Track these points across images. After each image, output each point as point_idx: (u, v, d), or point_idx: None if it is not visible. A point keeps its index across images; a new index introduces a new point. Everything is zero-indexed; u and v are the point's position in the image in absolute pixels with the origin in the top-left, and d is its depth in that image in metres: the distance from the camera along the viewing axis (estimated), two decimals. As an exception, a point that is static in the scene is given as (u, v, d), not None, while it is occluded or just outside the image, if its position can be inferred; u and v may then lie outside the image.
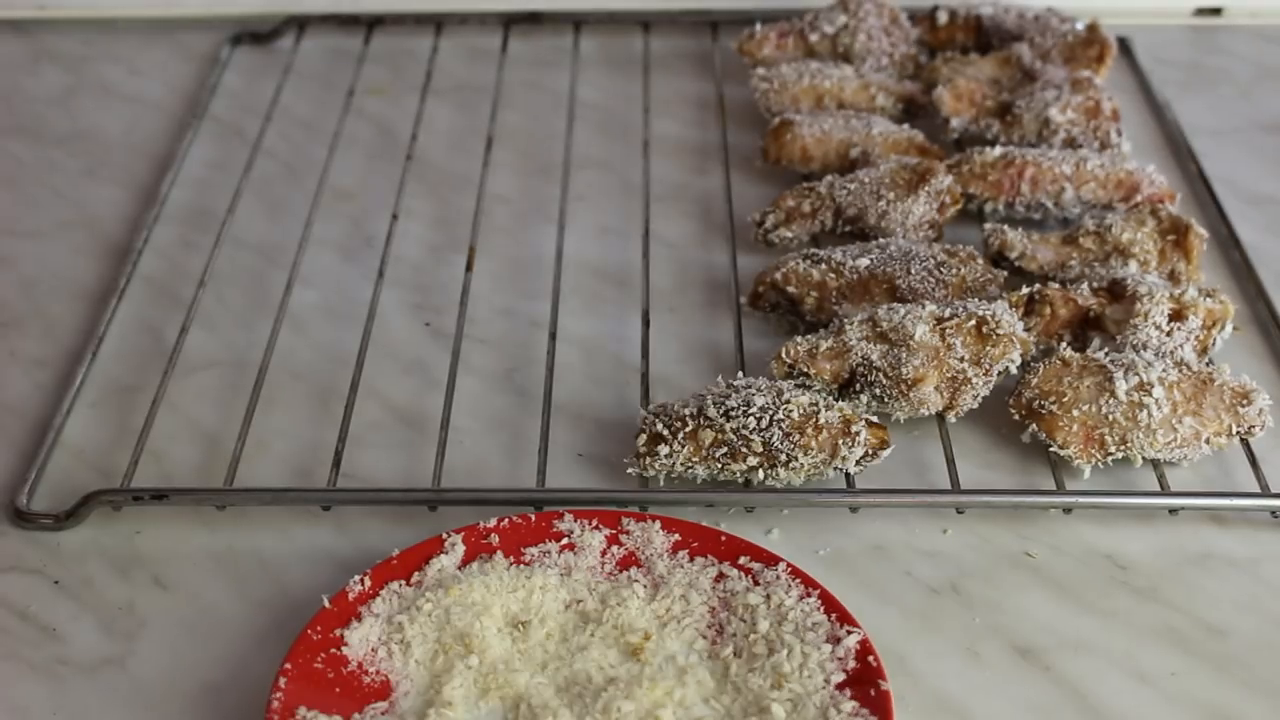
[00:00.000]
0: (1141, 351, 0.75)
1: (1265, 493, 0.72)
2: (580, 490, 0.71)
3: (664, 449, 0.71)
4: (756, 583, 0.65)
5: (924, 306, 0.75)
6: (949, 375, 0.74)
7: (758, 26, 1.03)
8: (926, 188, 0.85)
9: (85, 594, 0.69)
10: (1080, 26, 1.01)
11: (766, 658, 0.62)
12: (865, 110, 0.96)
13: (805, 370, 0.75)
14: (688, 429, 0.71)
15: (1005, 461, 0.75)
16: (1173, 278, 0.82)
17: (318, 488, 0.72)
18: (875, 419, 0.73)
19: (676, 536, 0.68)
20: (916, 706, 0.63)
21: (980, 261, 0.82)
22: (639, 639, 0.64)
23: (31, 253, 0.91)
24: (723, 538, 0.68)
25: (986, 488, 0.73)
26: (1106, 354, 0.74)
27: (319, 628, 0.63)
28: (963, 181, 0.88)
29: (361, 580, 0.65)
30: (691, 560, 0.67)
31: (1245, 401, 0.73)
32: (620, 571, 0.67)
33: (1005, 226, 0.85)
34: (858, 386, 0.75)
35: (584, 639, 0.64)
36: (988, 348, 0.74)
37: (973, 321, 0.75)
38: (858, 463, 0.72)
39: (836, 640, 0.62)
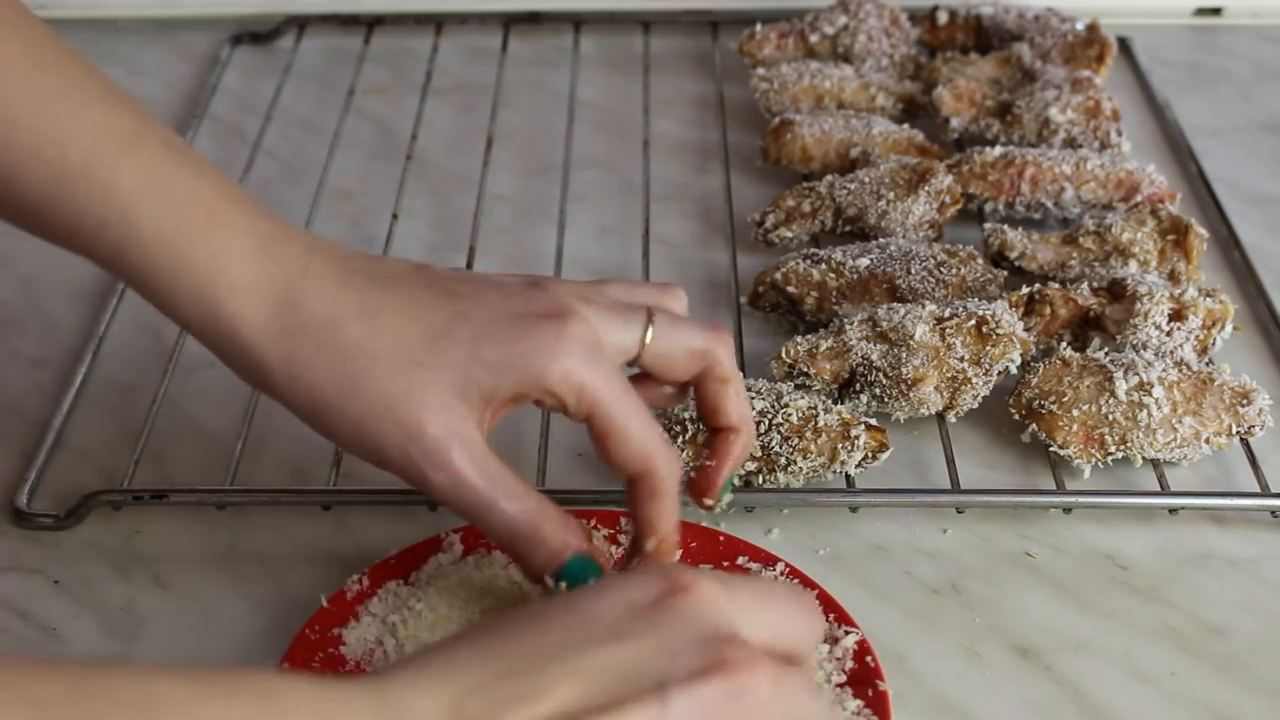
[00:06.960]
0: (1141, 351, 0.75)
1: (1265, 493, 0.72)
2: (580, 490, 0.71)
3: (664, 450, 0.71)
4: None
5: (924, 306, 0.75)
6: (949, 375, 0.74)
7: (758, 27, 1.03)
8: (926, 188, 0.85)
9: (85, 594, 0.69)
10: (1080, 26, 1.01)
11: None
12: (865, 110, 0.96)
13: (805, 370, 0.75)
14: (688, 434, 0.71)
15: (1005, 461, 0.75)
16: (1173, 278, 0.82)
17: (318, 488, 0.72)
18: (874, 421, 0.73)
19: (675, 536, 0.68)
20: (916, 706, 0.63)
21: (980, 261, 0.82)
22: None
23: (31, 252, 0.89)
24: (721, 538, 0.68)
25: (986, 488, 0.73)
26: (1106, 354, 0.74)
27: (316, 627, 0.63)
28: (963, 181, 0.88)
29: (359, 580, 0.65)
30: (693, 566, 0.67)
31: (1245, 401, 0.73)
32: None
33: (1005, 226, 0.85)
34: (858, 386, 0.74)
35: (583, 639, 0.64)
36: (988, 348, 0.74)
37: (973, 321, 0.74)
38: (856, 466, 0.71)
39: (835, 640, 0.62)
